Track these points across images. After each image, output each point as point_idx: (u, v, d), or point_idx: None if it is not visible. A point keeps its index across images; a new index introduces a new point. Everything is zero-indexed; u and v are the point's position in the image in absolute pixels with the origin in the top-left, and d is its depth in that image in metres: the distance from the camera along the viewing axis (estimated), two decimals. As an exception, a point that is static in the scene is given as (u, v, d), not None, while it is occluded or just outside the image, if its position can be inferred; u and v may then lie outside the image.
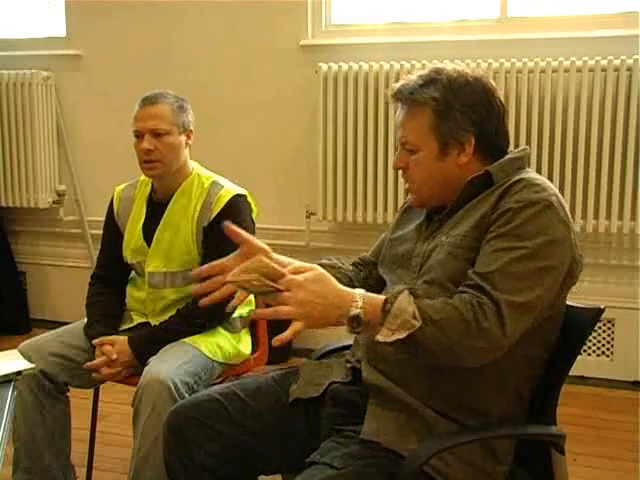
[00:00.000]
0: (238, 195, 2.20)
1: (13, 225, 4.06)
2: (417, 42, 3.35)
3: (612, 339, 3.26)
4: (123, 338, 2.11)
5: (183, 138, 2.24)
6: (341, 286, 1.35)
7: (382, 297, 1.34)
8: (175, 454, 1.57)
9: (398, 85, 1.53)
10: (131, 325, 2.24)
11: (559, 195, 1.42)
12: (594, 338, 3.29)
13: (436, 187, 1.52)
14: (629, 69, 3.02)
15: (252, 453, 1.57)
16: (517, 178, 1.44)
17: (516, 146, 2.65)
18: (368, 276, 1.72)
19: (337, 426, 1.50)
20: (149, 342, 2.10)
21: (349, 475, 1.34)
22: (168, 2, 3.69)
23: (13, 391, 1.70)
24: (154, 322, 2.20)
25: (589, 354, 3.29)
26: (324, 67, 3.36)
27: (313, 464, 1.39)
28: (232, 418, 1.57)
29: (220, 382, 2.19)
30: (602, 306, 1.46)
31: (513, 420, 1.47)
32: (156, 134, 2.17)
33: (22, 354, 2.03)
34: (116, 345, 2.08)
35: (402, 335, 1.29)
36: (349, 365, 1.60)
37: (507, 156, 1.51)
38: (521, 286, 1.33)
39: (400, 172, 1.57)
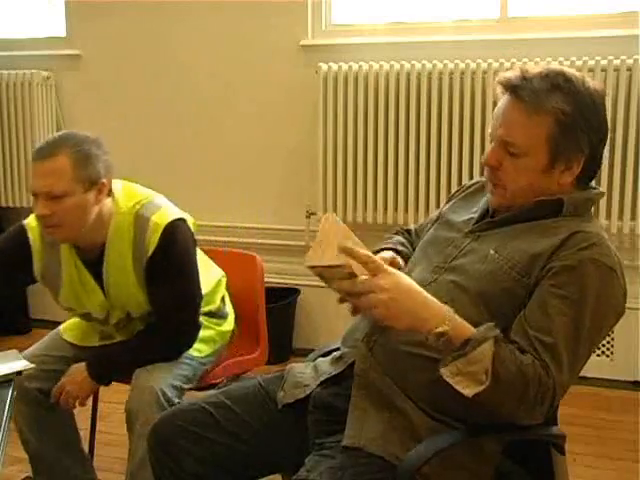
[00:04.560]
0: (169, 224, 1.92)
1: (13, 225, 4.06)
2: (417, 42, 3.34)
3: (612, 339, 3.26)
4: (75, 372, 1.96)
5: (91, 195, 1.84)
6: (429, 296, 1.31)
7: (469, 328, 1.29)
8: (163, 464, 1.55)
9: (516, 77, 1.42)
10: (95, 344, 2.11)
11: (617, 253, 1.40)
12: (594, 338, 3.29)
13: (527, 197, 1.45)
14: (629, 69, 3.02)
15: (242, 459, 1.56)
16: (586, 229, 1.39)
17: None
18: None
19: (317, 439, 1.47)
20: (108, 367, 1.98)
21: None
22: (168, 2, 3.69)
23: (13, 391, 1.69)
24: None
25: (589, 354, 3.28)
26: (324, 67, 3.36)
27: None
28: (220, 425, 1.56)
29: (215, 367, 2.17)
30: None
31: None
32: (51, 196, 1.80)
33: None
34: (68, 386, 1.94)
35: (465, 390, 1.26)
36: (344, 360, 1.55)
37: (583, 194, 1.47)
38: (578, 367, 1.35)
39: (485, 170, 1.49)
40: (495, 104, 1.49)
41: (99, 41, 3.87)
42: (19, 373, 1.79)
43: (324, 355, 1.69)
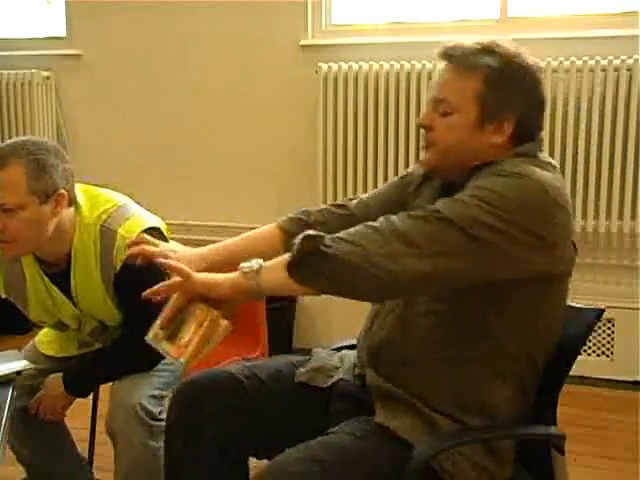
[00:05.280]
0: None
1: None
2: (417, 42, 3.34)
3: (612, 339, 3.26)
4: (53, 384, 1.92)
5: (47, 208, 1.69)
6: None
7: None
8: (185, 424, 1.53)
9: (450, 44, 1.47)
10: (74, 352, 2.05)
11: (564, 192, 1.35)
12: (594, 338, 3.29)
13: (458, 158, 1.43)
14: (629, 69, 3.02)
15: (264, 434, 1.56)
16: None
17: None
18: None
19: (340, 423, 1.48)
20: (85, 381, 1.95)
21: (366, 446, 1.36)
22: (168, 2, 3.69)
23: (13, 391, 1.70)
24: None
25: (589, 354, 3.29)
26: (324, 67, 3.36)
27: (331, 434, 1.38)
28: (249, 397, 1.56)
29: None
30: (603, 306, 1.46)
31: (516, 420, 1.46)
32: (3, 209, 1.65)
33: None
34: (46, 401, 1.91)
35: (309, 247, 1.25)
36: (357, 371, 1.57)
37: (519, 150, 1.43)
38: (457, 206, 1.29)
39: (422, 132, 1.49)
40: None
41: (99, 41, 3.87)
42: (19, 373, 1.79)
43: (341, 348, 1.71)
